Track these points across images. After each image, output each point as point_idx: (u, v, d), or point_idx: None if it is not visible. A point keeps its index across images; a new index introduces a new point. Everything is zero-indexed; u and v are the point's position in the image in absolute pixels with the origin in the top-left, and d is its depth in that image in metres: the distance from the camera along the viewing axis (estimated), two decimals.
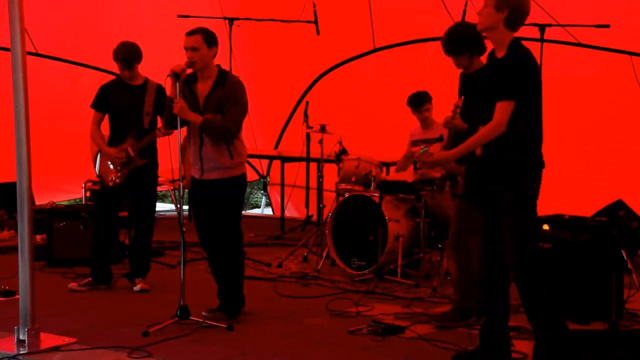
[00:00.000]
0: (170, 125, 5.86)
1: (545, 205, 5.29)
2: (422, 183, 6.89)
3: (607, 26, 7.42)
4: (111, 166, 6.86)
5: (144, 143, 6.83)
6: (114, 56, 6.85)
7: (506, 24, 4.77)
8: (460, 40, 5.65)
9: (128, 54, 6.80)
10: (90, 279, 6.95)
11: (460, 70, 5.80)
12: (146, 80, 6.92)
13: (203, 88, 5.87)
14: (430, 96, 7.63)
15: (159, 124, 6.79)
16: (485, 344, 4.99)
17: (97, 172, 6.98)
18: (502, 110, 4.69)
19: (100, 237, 7.00)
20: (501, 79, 4.73)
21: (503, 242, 4.80)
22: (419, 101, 7.61)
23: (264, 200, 12.38)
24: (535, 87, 4.78)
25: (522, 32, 8.10)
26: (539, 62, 7.20)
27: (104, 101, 6.91)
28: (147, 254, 7.03)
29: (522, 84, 4.69)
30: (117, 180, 6.84)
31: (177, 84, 5.74)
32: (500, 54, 4.81)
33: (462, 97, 5.43)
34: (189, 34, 5.83)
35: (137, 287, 6.88)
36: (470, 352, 5.11)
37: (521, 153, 4.74)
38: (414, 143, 7.74)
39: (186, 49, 5.80)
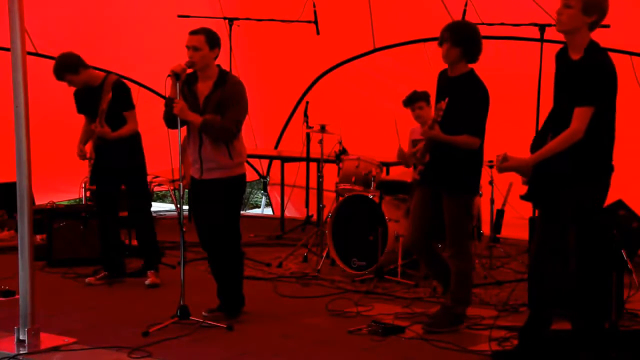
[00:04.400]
0: (170, 125, 5.86)
1: None
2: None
3: (607, 26, 7.39)
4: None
5: (94, 142, 6.97)
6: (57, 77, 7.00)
7: (590, 27, 4.67)
8: (463, 33, 5.59)
9: (56, 69, 6.95)
10: (106, 272, 7.08)
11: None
12: (105, 77, 7.00)
13: (203, 88, 5.87)
14: (427, 95, 7.63)
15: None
16: (525, 345, 4.97)
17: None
18: (581, 117, 4.59)
19: (105, 232, 7.15)
20: (580, 83, 4.61)
21: (557, 248, 4.75)
22: (411, 99, 7.63)
23: (264, 200, 12.38)
24: (613, 92, 4.66)
25: (522, 31, 8.17)
26: (539, 62, 7.26)
27: (77, 105, 7.17)
28: (152, 245, 7.14)
29: (603, 89, 4.59)
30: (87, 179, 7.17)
31: (177, 84, 5.75)
32: (576, 56, 4.70)
33: (447, 99, 5.39)
34: (192, 33, 5.83)
35: (147, 282, 6.99)
36: (510, 351, 5.08)
37: (594, 161, 4.66)
38: (414, 142, 7.74)
39: (188, 47, 5.80)
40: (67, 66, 6.92)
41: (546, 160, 4.75)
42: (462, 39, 5.57)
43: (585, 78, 4.62)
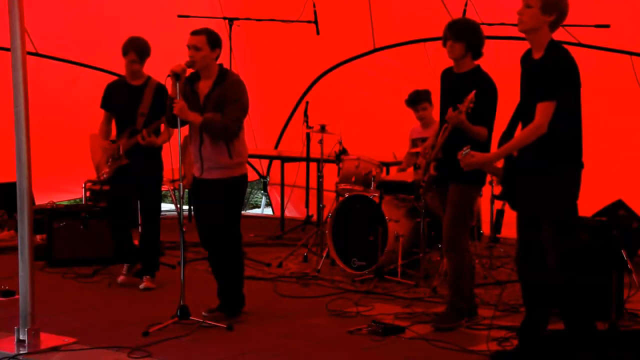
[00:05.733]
0: (172, 124, 5.86)
1: None
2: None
3: (607, 26, 7.42)
4: (106, 162, 6.97)
5: (131, 143, 6.84)
6: (125, 49, 6.84)
7: (550, 26, 4.74)
8: (464, 28, 5.67)
9: (142, 46, 6.85)
10: (136, 267, 7.02)
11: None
12: (147, 79, 6.94)
13: (204, 87, 5.88)
14: (429, 95, 7.64)
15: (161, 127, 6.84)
16: (524, 345, 4.98)
17: (95, 164, 7.14)
18: (543, 111, 4.66)
19: (118, 235, 7.07)
20: (540, 79, 4.69)
21: (539, 247, 4.78)
22: (415, 100, 7.66)
23: (264, 200, 12.38)
24: (575, 87, 4.72)
25: None
26: None
27: (107, 100, 7.02)
28: (152, 253, 7.07)
29: (562, 84, 4.65)
30: (105, 176, 6.97)
31: (177, 84, 5.75)
32: (537, 55, 4.77)
33: (474, 92, 5.41)
34: (194, 33, 5.84)
35: (141, 285, 6.94)
36: (510, 352, 5.09)
37: (560, 155, 4.71)
38: (414, 142, 7.75)
39: (189, 47, 5.81)
40: (148, 50, 6.87)
41: (515, 159, 4.83)
42: (464, 33, 5.65)
43: (545, 74, 4.70)
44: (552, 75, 4.67)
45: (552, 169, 4.73)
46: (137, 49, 6.84)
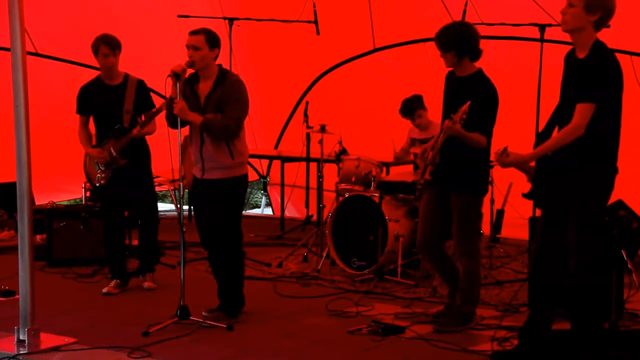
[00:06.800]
0: (172, 125, 5.86)
1: None
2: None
3: (607, 26, 7.39)
4: (97, 167, 6.88)
5: (124, 142, 6.77)
6: (95, 46, 6.69)
7: (594, 25, 4.68)
8: (448, 37, 5.58)
9: (112, 38, 6.71)
10: (117, 281, 6.89)
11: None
12: (125, 77, 6.86)
13: (204, 87, 5.88)
14: (421, 100, 7.63)
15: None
16: (525, 345, 4.97)
17: (85, 172, 7.01)
18: (582, 113, 4.61)
19: (110, 239, 6.96)
20: (582, 80, 4.63)
21: (559, 248, 4.76)
22: (409, 110, 7.63)
23: (264, 200, 12.38)
24: (617, 89, 4.68)
25: (523, 31, 8.15)
26: (539, 62, 7.26)
27: (85, 103, 6.89)
28: (151, 250, 7.04)
29: (604, 86, 4.61)
30: (102, 181, 6.86)
31: (177, 84, 5.75)
32: (581, 54, 4.71)
33: (469, 103, 5.38)
34: (192, 33, 5.84)
35: (145, 285, 6.93)
36: (510, 352, 5.08)
37: (592, 152, 4.67)
38: (412, 141, 7.75)
39: (188, 47, 5.81)
40: (119, 43, 6.74)
41: (548, 158, 4.77)
42: (450, 42, 5.57)
43: (587, 75, 4.65)
44: (594, 77, 4.62)
45: (582, 166, 4.68)
46: (106, 40, 6.68)
